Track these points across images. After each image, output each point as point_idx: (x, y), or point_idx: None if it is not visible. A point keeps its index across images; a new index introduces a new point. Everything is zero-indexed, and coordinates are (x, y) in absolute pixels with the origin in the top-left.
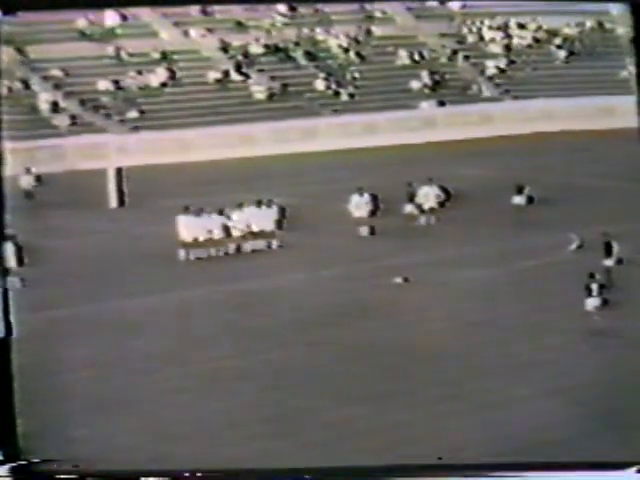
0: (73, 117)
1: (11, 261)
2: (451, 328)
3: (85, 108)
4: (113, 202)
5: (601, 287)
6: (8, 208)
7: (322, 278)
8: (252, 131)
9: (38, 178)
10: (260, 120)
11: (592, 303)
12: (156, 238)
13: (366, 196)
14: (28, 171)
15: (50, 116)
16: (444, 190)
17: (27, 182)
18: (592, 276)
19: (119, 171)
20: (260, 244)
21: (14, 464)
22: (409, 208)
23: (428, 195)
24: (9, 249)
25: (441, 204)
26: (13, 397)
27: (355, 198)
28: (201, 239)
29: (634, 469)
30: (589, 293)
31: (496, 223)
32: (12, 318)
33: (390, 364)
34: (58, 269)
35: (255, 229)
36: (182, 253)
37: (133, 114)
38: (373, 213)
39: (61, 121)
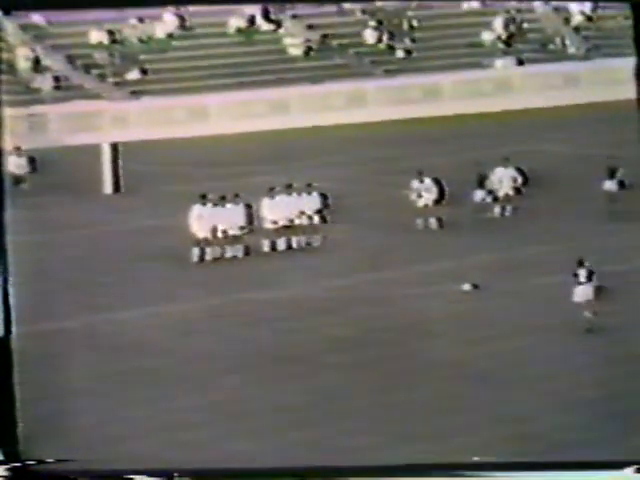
0: (57, 79)
1: None
2: (530, 346)
3: (73, 67)
4: (108, 187)
5: (590, 274)
6: None
7: (370, 284)
8: (284, 96)
9: (32, 160)
10: (294, 82)
11: (581, 293)
12: (163, 233)
13: (427, 181)
14: (18, 150)
15: (29, 77)
16: (522, 172)
17: (17, 164)
18: (581, 263)
19: (115, 147)
20: (295, 241)
21: (14, 464)
22: (479, 195)
23: (503, 179)
24: None
25: (518, 190)
26: (13, 397)
27: (414, 183)
28: (220, 235)
29: (632, 468)
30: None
31: (584, 214)
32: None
33: (453, 392)
34: (39, 274)
35: (289, 222)
36: (196, 252)
37: (134, 75)
38: (437, 202)
39: (43, 83)
